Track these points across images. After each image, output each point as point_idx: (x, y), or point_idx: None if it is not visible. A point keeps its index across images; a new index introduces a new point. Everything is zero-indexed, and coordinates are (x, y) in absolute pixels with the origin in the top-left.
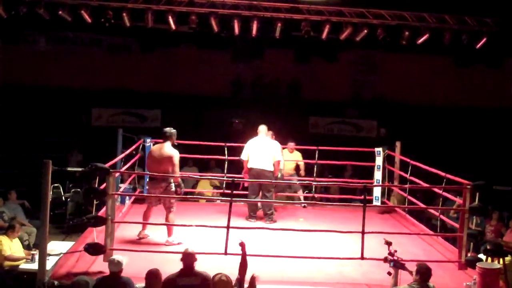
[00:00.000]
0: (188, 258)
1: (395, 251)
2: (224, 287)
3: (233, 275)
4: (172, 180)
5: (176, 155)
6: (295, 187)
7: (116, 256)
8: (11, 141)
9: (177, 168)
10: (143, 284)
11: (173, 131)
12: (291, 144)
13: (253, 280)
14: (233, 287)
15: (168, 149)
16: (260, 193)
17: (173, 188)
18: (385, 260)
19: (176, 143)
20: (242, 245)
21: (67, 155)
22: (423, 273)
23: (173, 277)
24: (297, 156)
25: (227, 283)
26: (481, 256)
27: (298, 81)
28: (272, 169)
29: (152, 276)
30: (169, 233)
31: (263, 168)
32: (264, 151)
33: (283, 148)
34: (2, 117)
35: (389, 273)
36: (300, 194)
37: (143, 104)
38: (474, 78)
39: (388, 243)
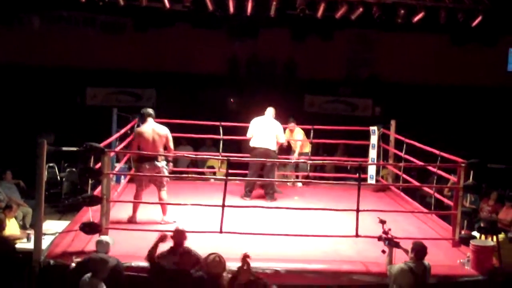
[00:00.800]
0: (179, 235)
1: (389, 229)
2: (217, 267)
3: (228, 253)
4: (168, 160)
5: (169, 132)
6: (290, 167)
7: (103, 236)
8: (6, 121)
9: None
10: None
11: (148, 110)
12: (291, 125)
13: (244, 258)
14: (225, 269)
15: (160, 128)
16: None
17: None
18: (379, 238)
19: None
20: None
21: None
22: (419, 250)
23: (164, 254)
24: (300, 133)
25: (220, 263)
26: (475, 233)
27: (294, 60)
28: (275, 149)
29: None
30: (164, 211)
31: (267, 147)
32: (268, 131)
33: (285, 128)
34: None
35: (383, 251)
36: (294, 173)
37: (137, 83)
38: (469, 56)
39: (382, 222)
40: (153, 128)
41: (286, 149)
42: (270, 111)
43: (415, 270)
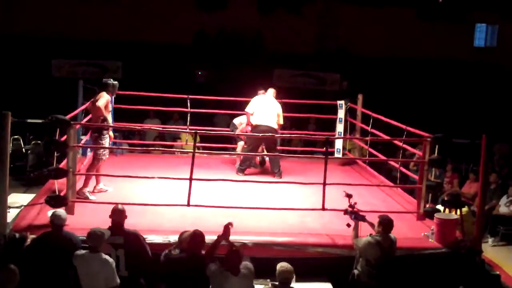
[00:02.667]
0: (116, 215)
1: (355, 203)
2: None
3: (195, 226)
4: (103, 130)
5: (103, 96)
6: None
7: (59, 210)
8: None
9: (103, 109)
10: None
11: (113, 82)
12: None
13: (227, 227)
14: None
15: (98, 95)
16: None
17: (105, 138)
18: (346, 212)
19: (114, 96)
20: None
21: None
22: (386, 224)
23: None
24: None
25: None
26: (439, 207)
27: (262, 33)
28: (276, 127)
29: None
30: (85, 183)
31: (270, 125)
32: (271, 109)
33: None
34: None
35: (348, 225)
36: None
37: (104, 55)
38: (437, 31)
39: (349, 196)
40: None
41: None
42: (271, 91)
43: (382, 243)
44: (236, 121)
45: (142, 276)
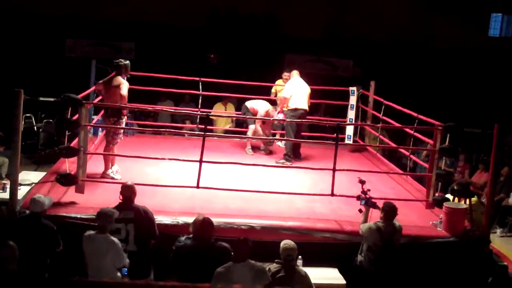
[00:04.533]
0: (126, 190)
1: (368, 190)
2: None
3: (204, 208)
4: (122, 115)
5: (123, 83)
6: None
7: (39, 195)
8: None
9: (126, 96)
10: None
11: (125, 62)
12: (286, 74)
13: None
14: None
15: (115, 79)
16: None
17: (122, 123)
18: (358, 198)
19: (129, 75)
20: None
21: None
22: (387, 211)
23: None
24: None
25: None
26: (448, 196)
27: (275, 16)
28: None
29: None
30: (106, 166)
31: (306, 108)
32: (305, 93)
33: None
34: None
35: (360, 211)
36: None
37: (117, 35)
38: (452, 20)
39: (362, 182)
40: (109, 80)
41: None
42: (297, 73)
43: (382, 230)
44: (248, 104)
45: (151, 251)
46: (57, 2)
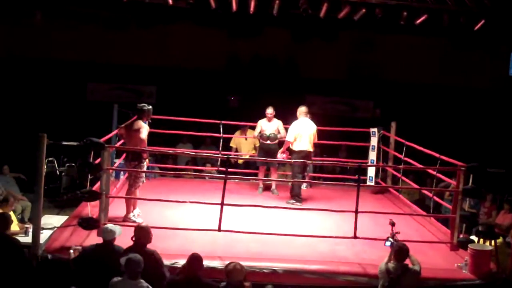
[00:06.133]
0: (140, 233)
1: (398, 232)
2: (238, 275)
3: (226, 252)
4: (143, 158)
5: (143, 127)
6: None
7: (110, 224)
8: (6, 114)
9: (146, 139)
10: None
11: (147, 107)
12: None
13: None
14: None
15: (136, 123)
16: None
17: (144, 166)
18: (387, 239)
19: (150, 120)
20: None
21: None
22: (397, 251)
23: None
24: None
25: (241, 271)
26: (473, 237)
27: (295, 59)
28: (312, 150)
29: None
30: (128, 209)
31: (310, 150)
32: (309, 133)
33: None
34: None
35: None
36: None
37: (139, 80)
38: (471, 60)
39: (392, 224)
40: (130, 123)
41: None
42: (305, 109)
43: (391, 271)
44: None
45: None
46: (79, 48)
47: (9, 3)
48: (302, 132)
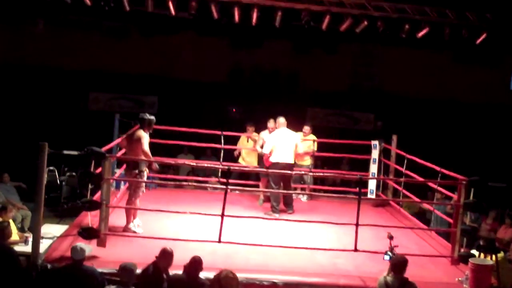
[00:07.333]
0: (163, 258)
1: (396, 246)
2: (231, 284)
3: (226, 263)
4: (143, 167)
5: (144, 137)
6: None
7: (80, 243)
8: (6, 122)
9: (147, 149)
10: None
11: (149, 118)
12: (307, 128)
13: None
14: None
15: (136, 133)
16: (282, 185)
17: (144, 176)
18: (386, 253)
19: (151, 131)
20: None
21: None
22: (394, 264)
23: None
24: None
25: (234, 279)
26: (474, 252)
27: (297, 71)
28: (293, 162)
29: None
30: (128, 219)
31: (288, 162)
32: (288, 145)
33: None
34: None
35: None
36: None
37: (140, 89)
38: (472, 73)
39: (391, 237)
40: (131, 133)
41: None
42: (283, 121)
43: (389, 284)
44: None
45: None
46: (81, 57)
47: (12, 11)
48: (278, 144)
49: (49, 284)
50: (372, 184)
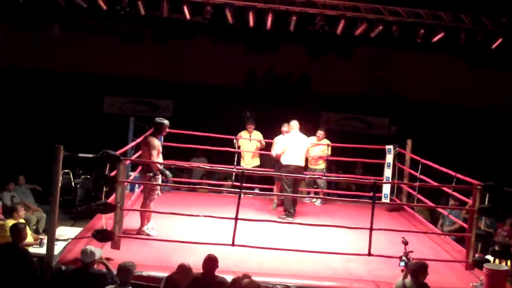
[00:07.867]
0: (181, 273)
1: (411, 251)
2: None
3: (239, 267)
4: (154, 171)
5: (152, 142)
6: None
7: (90, 246)
8: (22, 126)
9: (154, 157)
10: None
11: (163, 121)
12: (321, 132)
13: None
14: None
15: (147, 137)
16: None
17: (159, 180)
18: (400, 258)
19: (163, 135)
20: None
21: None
22: (413, 269)
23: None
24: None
25: (255, 285)
26: (489, 257)
27: (310, 75)
28: (303, 165)
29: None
30: (142, 222)
31: (299, 164)
32: (300, 148)
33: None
34: (14, 101)
35: (403, 271)
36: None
37: (155, 93)
38: (487, 78)
39: (405, 243)
40: (143, 137)
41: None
42: (296, 124)
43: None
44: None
45: None
46: (96, 61)
47: (28, 15)
48: (290, 146)
49: (61, 287)
50: (386, 189)
